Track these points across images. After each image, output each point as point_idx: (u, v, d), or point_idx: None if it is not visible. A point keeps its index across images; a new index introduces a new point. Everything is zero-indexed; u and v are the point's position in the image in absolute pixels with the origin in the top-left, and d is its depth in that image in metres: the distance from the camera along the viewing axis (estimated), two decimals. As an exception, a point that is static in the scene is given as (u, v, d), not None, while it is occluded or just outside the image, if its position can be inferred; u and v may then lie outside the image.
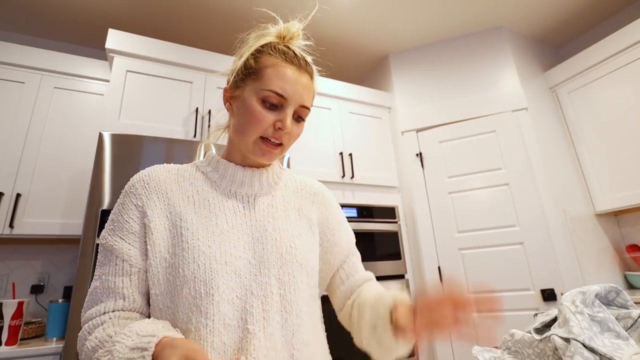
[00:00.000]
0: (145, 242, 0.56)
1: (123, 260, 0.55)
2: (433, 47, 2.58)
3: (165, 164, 0.65)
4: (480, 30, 2.49)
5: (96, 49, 2.42)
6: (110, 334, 0.48)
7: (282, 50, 0.60)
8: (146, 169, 0.62)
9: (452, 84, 2.45)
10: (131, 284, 0.54)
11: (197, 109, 1.87)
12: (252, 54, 0.62)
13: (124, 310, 0.54)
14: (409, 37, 2.52)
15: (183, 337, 0.49)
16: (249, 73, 0.61)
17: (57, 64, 1.92)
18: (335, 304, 0.71)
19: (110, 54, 1.79)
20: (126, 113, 1.71)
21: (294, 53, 0.61)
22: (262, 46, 0.61)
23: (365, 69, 2.90)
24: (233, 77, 0.64)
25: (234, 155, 0.65)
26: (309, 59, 0.64)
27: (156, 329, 0.46)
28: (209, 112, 1.90)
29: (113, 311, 0.53)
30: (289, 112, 0.58)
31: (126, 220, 0.57)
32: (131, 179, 0.61)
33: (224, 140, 0.71)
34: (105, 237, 0.57)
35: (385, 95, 2.63)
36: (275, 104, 0.58)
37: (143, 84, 1.80)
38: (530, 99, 2.27)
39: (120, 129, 1.66)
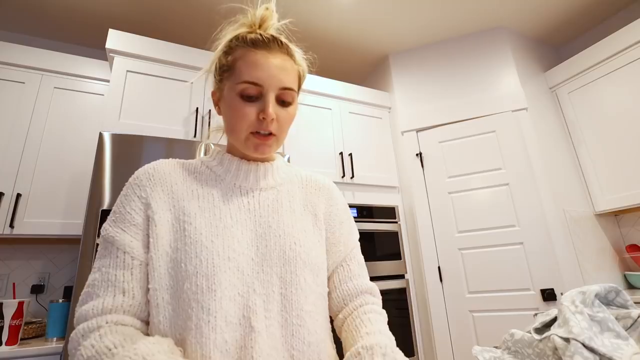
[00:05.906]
0: (148, 234, 0.54)
1: (125, 252, 0.53)
2: (433, 47, 2.58)
3: (170, 158, 0.64)
4: (480, 31, 2.49)
5: (96, 49, 2.42)
6: (109, 347, 0.44)
7: (250, 39, 0.58)
8: (151, 162, 0.61)
9: (452, 84, 2.45)
10: (132, 278, 0.52)
11: (197, 109, 1.87)
12: (223, 52, 0.61)
13: (123, 310, 0.50)
14: (409, 37, 2.52)
15: None
16: (223, 71, 0.60)
17: (57, 64, 1.92)
18: (330, 309, 0.66)
19: (110, 54, 1.79)
20: (126, 113, 1.71)
21: (262, 37, 0.58)
22: (231, 40, 0.60)
23: (365, 69, 2.90)
24: (214, 79, 0.64)
25: (235, 152, 0.65)
26: (282, 38, 0.60)
27: (161, 349, 0.45)
28: (209, 112, 1.90)
29: (110, 312, 0.49)
30: (269, 98, 0.56)
31: (128, 212, 0.55)
32: (136, 172, 0.60)
33: (224, 140, 0.70)
34: (107, 228, 0.55)
35: (385, 95, 2.63)
36: (253, 95, 0.56)
37: (143, 84, 1.80)
38: (530, 99, 2.27)
39: (121, 129, 1.66)
